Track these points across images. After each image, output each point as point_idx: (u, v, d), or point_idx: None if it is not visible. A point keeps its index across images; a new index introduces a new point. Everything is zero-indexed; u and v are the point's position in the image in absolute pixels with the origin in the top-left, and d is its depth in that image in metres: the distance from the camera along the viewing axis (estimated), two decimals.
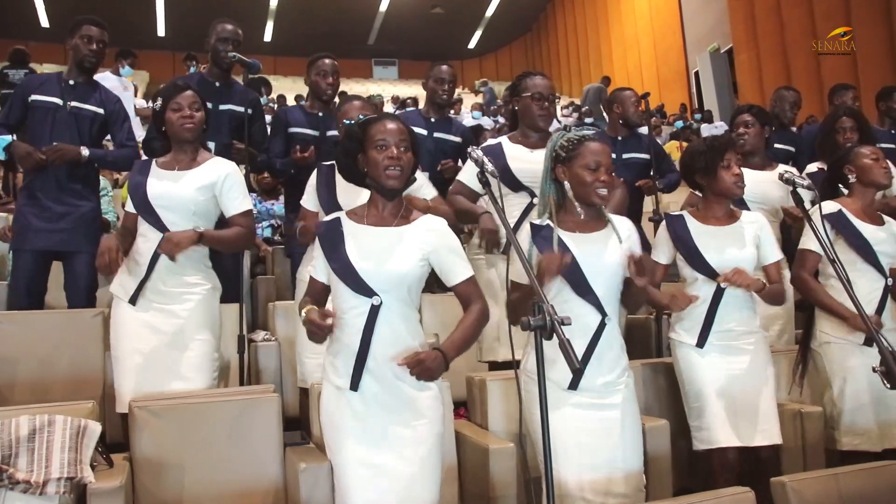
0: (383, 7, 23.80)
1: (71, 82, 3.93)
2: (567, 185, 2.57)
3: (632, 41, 21.14)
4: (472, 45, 27.71)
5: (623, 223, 2.64)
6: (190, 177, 3.05)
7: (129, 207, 3.10)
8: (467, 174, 3.47)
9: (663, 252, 3.11)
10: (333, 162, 3.31)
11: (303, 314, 2.26)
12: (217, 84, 4.24)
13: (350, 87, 20.96)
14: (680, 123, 14.21)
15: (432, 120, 4.56)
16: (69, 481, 2.35)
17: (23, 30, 18.52)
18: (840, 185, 3.37)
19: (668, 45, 19.29)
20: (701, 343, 2.93)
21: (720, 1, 16.63)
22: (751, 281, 2.87)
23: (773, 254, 3.04)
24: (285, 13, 23.15)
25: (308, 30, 22.41)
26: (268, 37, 24.53)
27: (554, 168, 2.61)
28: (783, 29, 14.36)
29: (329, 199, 3.22)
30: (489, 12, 25.21)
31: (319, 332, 2.21)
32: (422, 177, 3.42)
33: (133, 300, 2.99)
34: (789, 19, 14.12)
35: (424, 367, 2.20)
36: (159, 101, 3.11)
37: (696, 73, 17.45)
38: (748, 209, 3.38)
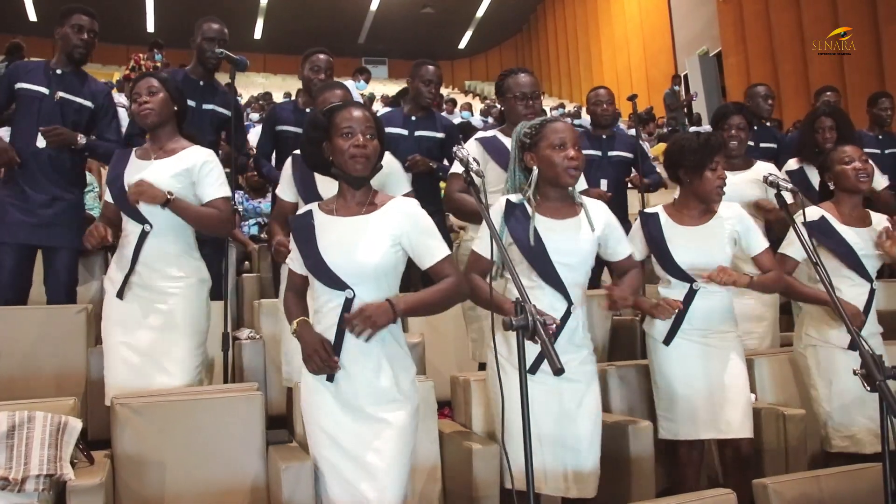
0: (374, 6, 23.79)
1: (59, 72, 3.86)
2: (536, 170, 2.58)
3: (621, 43, 21.21)
4: (462, 45, 27.74)
5: (597, 207, 2.66)
6: (165, 164, 3.02)
7: (108, 197, 3.08)
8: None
9: (637, 248, 3.01)
10: None
11: (294, 326, 2.32)
12: (201, 83, 4.21)
13: None
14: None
15: (413, 118, 4.47)
16: (48, 478, 2.33)
17: (10, 24, 18.38)
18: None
19: (657, 48, 19.37)
20: (667, 341, 2.95)
21: (709, 4, 16.73)
22: (736, 278, 2.84)
23: (759, 243, 3.00)
24: (275, 11, 23.11)
25: (298, 28, 22.39)
26: (258, 34, 24.48)
27: (522, 157, 2.63)
28: (771, 33, 14.45)
29: (308, 191, 3.11)
30: (480, 13, 25.25)
31: (322, 365, 2.25)
32: (399, 169, 3.32)
33: (120, 294, 2.97)
34: (778, 23, 14.21)
35: (364, 315, 2.17)
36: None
37: (685, 76, 17.52)
38: None
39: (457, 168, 3.38)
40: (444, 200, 3.38)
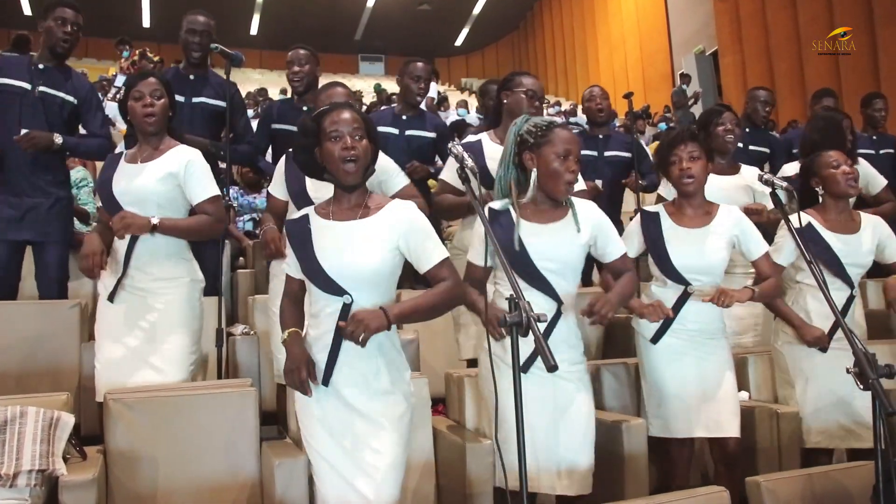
0: (370, 3, 23.75)
1: (41, 66, 3.81)
2: (535, 174, 2.50)
3: (618, 42, 21.22)
4: (459, 42, 27.71)
5: (586, 207, 2.61)
6: (151, 168, 2.97)
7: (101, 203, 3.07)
8: (449, 172, 3.37)
9: (633, 245, 3.02)
10: None
11: (284, 336, 2.30)
12: (191, 77, 4.20)
13: None
14: (663, 125, 14.25)
15: (404, 118, 4.48)
16: (41, 474, 2.32)
17: (3, 18, 18.30)
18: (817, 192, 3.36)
19: (654, 47, 19.38)
20: (655, 340, 2.95)
21: (706, 3, 16.75)
22: (738, 297, 2.83)
23: (758, 247, 2.98)
24: (272, 7, 23.06)
25: (295, 24, 22.33)
26: (254, 30, 24.42)
27: (520, 153, 2.55)
28: (768, 33, 14.48)
29: (298, 192, 3.10)
30: (476, 10, 25.22)
31: (299, 385, 2.24)
32: (392, 166, 3.33)
33: (111, 297, 2.95)
34: (774, 23, 14.24)
35: (357, 319, 2.12)
36: (122, 91, 3.08)
37: (682, 75, 17.54)
38: None
39: (444, 175, 3.46)
40: (434, 206, 3.43)
